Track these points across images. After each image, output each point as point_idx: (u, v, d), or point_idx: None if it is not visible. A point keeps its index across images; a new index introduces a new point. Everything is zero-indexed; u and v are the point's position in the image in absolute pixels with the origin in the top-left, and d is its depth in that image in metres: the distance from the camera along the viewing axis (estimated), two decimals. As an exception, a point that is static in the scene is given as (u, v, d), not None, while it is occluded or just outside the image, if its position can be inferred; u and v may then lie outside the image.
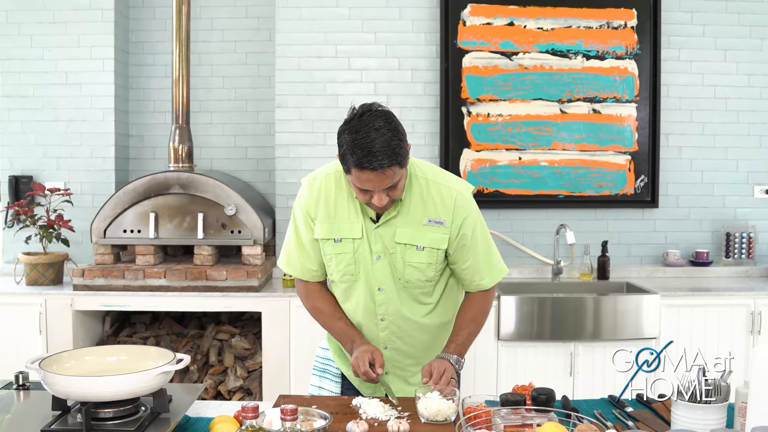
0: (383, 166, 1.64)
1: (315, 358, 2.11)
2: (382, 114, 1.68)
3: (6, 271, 3.71)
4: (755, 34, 3.81)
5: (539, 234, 3.82)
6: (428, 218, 1.83)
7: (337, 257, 1.86)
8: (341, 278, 1.89)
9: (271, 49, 3.85)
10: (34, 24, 3.72)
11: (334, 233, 1.85)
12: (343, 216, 1.85)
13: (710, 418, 1.48)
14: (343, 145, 1.67)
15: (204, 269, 3.31)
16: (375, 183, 1.67)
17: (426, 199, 1.84)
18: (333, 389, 2.02)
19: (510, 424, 1.49)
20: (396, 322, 1.91)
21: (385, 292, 1.87)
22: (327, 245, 1.87)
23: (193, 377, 3.41)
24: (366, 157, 1.62)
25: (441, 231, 1.83)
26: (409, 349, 1.94)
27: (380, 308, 1.89)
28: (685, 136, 3.83)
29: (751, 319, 3.31)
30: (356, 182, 1.70)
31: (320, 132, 3.73)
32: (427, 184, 1.85)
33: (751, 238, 3.81)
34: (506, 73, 3.73)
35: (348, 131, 1.67)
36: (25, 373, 1.76)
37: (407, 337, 1.93)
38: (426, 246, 1.83)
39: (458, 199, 1.85)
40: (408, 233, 1.82)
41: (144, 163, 3.96)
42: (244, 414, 1.29)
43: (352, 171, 1.67)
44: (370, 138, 1.63)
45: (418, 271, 1.85)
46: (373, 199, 1.71)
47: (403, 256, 1.84)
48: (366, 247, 1.84)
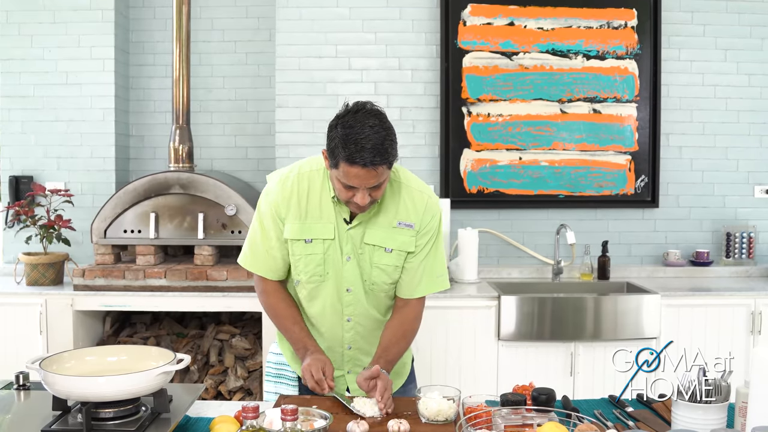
0: (374, 164, 1.63)
1: (267, 364, 2.07)
2: (377, 113, 1.68)
3: (6, 271, 3.71)
4: (755, 34, 3.81)
5: (539, 234, 3.82)
6: (399, 221, 1.83)
7: (306, 258, 1.84)
8: (309, 279, 1.86)
9: (271, 49, 3.85)
10: (34, 24, 3.72)
11: (305, 234, 1.83)
12: (314, 216, 1.83)
13: (710, 418, 1.48)
14: (335, 139, 1.66)
15: (204, 269, 3.31)
16: (362, 180, 1.66)
17: (398, 201, 1.84)
18: (290, 393, 1.98)
19: (510, 424, 1.49)
20: (362, 322, 1.90)
21: (354, 293, 1.87)
22: (297, 246, 1.84)
23: (193, 377, 3.41)
24: (358, 153, 1.62)
25: (409, 234, 1.84)
26: (369, 348, 1.94)
27: (347, 309, 1.88)
28: (685, 136, 3.83)
29: (751, 319, 3.31)
30: (343, 177, 1.68)
31: (320, 132, 3.72)
32: (399, 186, 1.85)
33: (752, 237, 3.81)
34: (506, 73, 3.73)
35: (341, 125, 1.66)
36: (26, 373, 1.76)
37: (370, 336, 1.93)
38: (395, 248, 1.83)
39: (429, 203, 1.87)
40: (378, 235, 1.83)
41: (144, 163, 3.96)
42: (244, 414, 1.29)
43: (341, 165, 1.66)
44: (364, 134, 1.62)
45: (384, 274, 1.85)
46: (356, 197, 1.70)
47: (371, 257, 1.84)
48: (336, 248, 1.83)
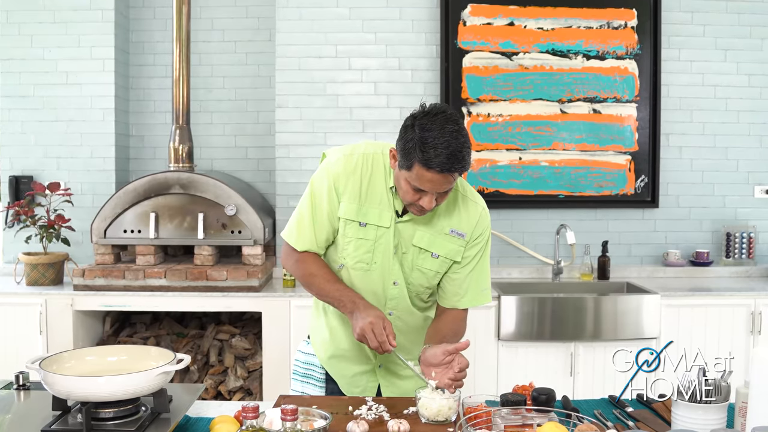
0: (451, 170, 1.60)
1: (295, 362, 2.06)
2: (456, 118, 1.63)
3: (6, 271, 3.71)
4: (755, 34, 3.81)
5: (539, 234, 3.82)
6: (451, 228, 1.81)
7: (357, 242, 1.80)
8: (355, 264, 1.83)
9: (271, 49, 3.85)
10: (34, 24, 3.72)
11: (360, 216, 1.79)
12: (374, 201, 1.79)
13: (710, 418, 1.48)
14: (412, 140, 1.60)
15: (204, 269, 3.31)
16: (435, 185, 1.62)
17: (452, 209, 1.82)
18: (317, 394, 1.97)
19: (510, 424, 1.49)
20: (403, 317, 1.89)
21: (399, 287, 1.84)
22: (350, 227, 1.80)
23: (193, 377, 3.41)
24: (437, 158, 1.57)
25: (459, 243, 1.82)
26: (406, 345, 1.92)
27: (391, 302, 1.86)
28: (685, 136, 3.83)
29: (751, 319, 3.31)
30: (415, 180, 1.63)
31: (320, 132, 3.73)
32: (456, 195, 1.84)
33: (752, 238, 3.81)
34: (506, 73, 3.73)
35: (419, 127, 1.60)
36: (26, 373, 1.75)
37: (410, 332, 1.92)
38: (441, 255, 1.81)
39: (482, 216, 1.86)
40: (427, 238, 1.80)
41: (144, 163, 3.96)
42: (244, 414, 1.28)
43: (415, 168, 1.61)
44: (444, 139, 1.58)
45: (424, 277, 1.84)
46: (423, 200, 1.66)
47: (414, 259, 1.82)
48: (390, 239, 1.80)
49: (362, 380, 1.96)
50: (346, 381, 1.97)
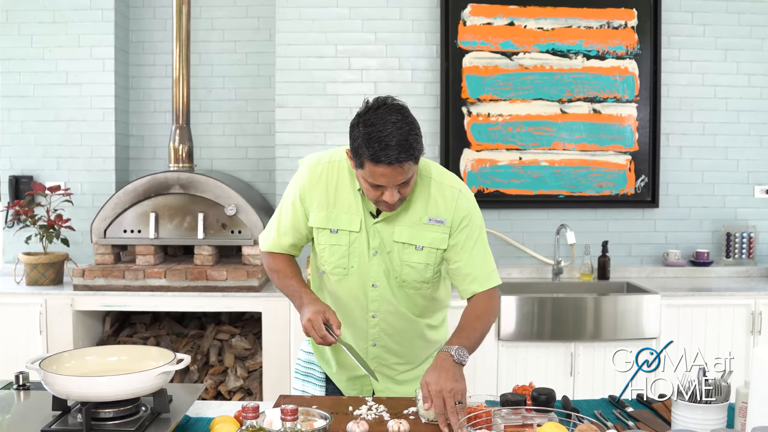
0: (400, 161, 1.59)
1: (297, 362, 2.08)
2: (399, 107, 1.63)
3: (6, 271, 3.71)
4: (755, 34, 3.81)
5: (539, 234, 3.82)
6: (429, 217, 1.79)
7: (331, 248, 1.82)
8: (333, 270, 1.84)
9: (271, 49, 3.85)
10: (34, 24, 3.72)
11: (330, 223, 1.80)
12: (342, 207, 1.80)
13: (711, 418, 1.48)
14: (358, 138, 1.61)
15: (204, 269, 3.31)
16: (389, 178, 1.62)
17: (427, 198, 1.79)
18: (317, 393, 1.99)
19: (510, 424, 1.49)
20: (387, 318, 1.86)
21: (379, 289, 1.83)
22: (322, 235, 1.82)
23: (193, 377, 3.41)
24: (383, 151, 1.57)
25: (441, 230, 1.79)
26: (397, 347, 1.90)
27: (372, 304, 1.85)
28: (685, 136, 3.83)
29: (751, 319, 3.31)
30: (369, 177, 1.64)
31: (320, 132, 3.73)
32: (429, 182, 1.81)
33: (752, 238, 3.81)
34: (506, 73, 3.73)
35: (363, 124, 1.61)
36: (26, 373, 1.75)
37: (397, 334, 1.89)
38: (426, 246, 1.79)
39: (460, 198, 1.81)
40: (407, 232, 1.78)
41: (144, 163, 3.96)
42: (244, 414, 1.28)
43: (366, 165, 1.62)
44: (387, 131, 1.57)
45: (415, 272, 1.81)
46: (384, 195, 1.65)
47: (400, 255, 1.80)
48: (363, 242, 1.80)
49: (357, 384, 1.97)
50: (343, 383, 1.97)
